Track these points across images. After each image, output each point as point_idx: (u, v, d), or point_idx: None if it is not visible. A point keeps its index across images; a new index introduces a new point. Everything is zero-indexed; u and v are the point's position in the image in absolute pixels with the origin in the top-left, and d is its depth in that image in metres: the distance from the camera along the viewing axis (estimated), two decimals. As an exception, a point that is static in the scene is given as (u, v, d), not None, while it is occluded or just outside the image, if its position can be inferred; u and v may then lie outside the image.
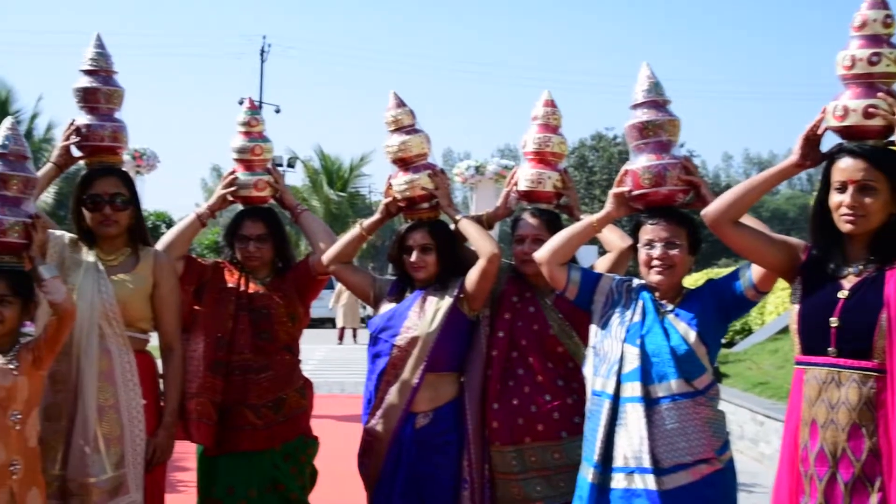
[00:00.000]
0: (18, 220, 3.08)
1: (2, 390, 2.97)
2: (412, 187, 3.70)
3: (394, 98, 3.78)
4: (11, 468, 2.96)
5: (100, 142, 3.69)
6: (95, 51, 3.73)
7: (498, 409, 3.55)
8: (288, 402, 3.85)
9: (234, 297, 3.89)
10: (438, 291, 3.66)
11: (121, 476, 3.37)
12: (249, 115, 4.07)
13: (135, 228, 3.67)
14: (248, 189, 4.03)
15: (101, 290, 3.48)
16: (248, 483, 3.76)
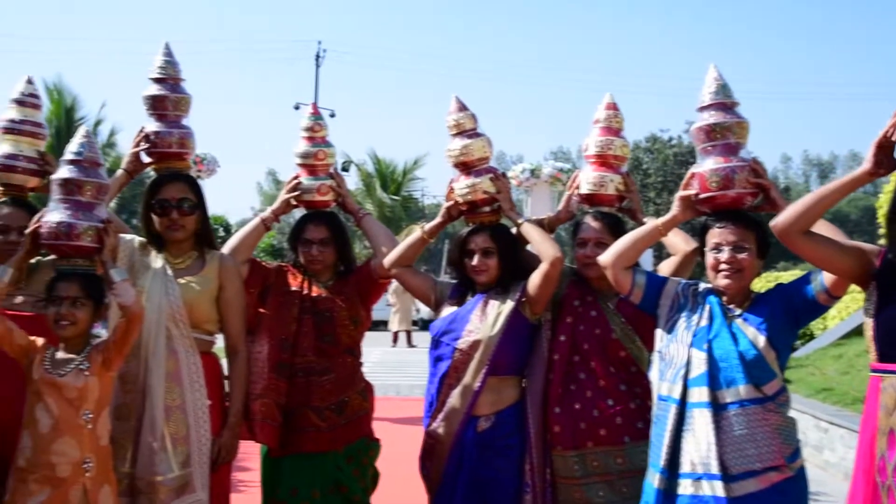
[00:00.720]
0: (91, 224, 3.16)
1: (74, 390, 3.04)
2: (474, 191, 3.71)
3: (455, 102, 3.79)
4: (84, 465, 3.03)
5: (168, 148, 3.77)
6: (164, 59, 3.81)
7: (560, 414, 3.53)
8: (350, 405, 3.89)
9: (297, 300, 3.93)
10: (500, 295, 3.65)
11: (187, 475, 3.43)
12: (313, 121, 4.12)
13: (201, 232, 3.73)
14: (312, 193, 4.07)
15: (168, 293, 3.54)
16: (311, 484, 3.79)
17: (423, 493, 3.77)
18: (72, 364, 3.08)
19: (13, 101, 3.80)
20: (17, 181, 3.70)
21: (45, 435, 3.01)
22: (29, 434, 3.04)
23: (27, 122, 3.76)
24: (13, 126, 3.73)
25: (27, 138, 3.75)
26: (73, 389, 3.04)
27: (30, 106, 3.80)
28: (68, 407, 3.03)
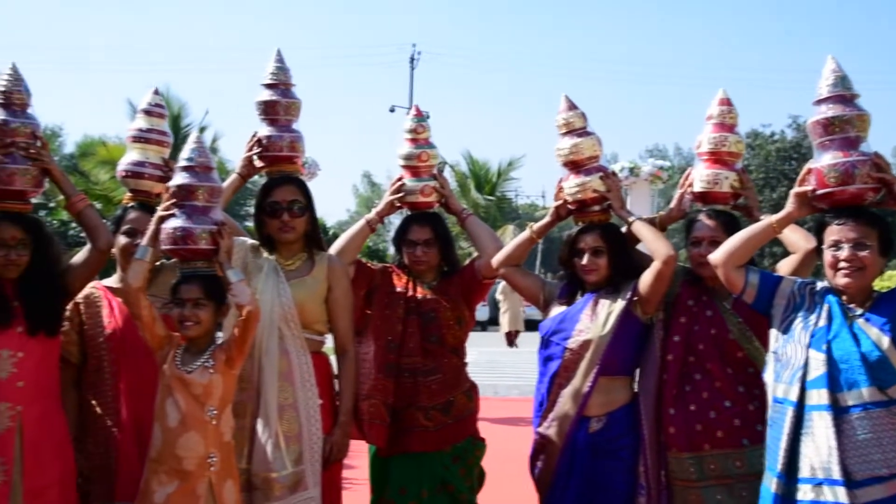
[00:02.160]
0: (206, 227, 3.24)
1: (199, 387, 3.14)
2: (584, 190, 3.67)
3: (565, 101, 3.76)
4: (209, 460, 3.12)
5: (279, 152, 3.85)
6: (276, 65, 3.89)
7: (675, 415, 3.47)
8: (456, 405, 3.90)
9: (402, 300, 3.97)
10: (611, 294, 3.61)
11: (300, 472, 3.50)
12: (416, 123, 4.15)
13: (311, 234, 3.80)
14: (415, 195, 4.11)
15: (280, 294, 3.62)
16: (419, 483, 3.82)
17: (527, 492, 3.75)
18: (198, 362, 3.18)
19: (141, 111, 3.96)
20: (144, 187, 3.85)
21: (174, 429, 3.12)
22: (159, 427, 3.15)
23: (154, 131, 3.91)
24: (141, 134, 3.88)
25: (154, 146, 3.90)
26: (199, 386, 3.14)
27: (156, 115, 3.95)
28: (194, 403, 3.13)
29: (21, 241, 3.22)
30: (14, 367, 3.15)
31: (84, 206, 3.45)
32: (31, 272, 3.26)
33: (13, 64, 3.35)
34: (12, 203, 3.28)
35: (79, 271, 3.41)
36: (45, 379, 3.27)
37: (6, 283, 3.22)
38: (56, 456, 3.24)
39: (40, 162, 3.32)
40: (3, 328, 3.15)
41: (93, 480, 3.48)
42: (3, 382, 3.12)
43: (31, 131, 3.32)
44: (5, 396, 3.12)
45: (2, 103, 3.29)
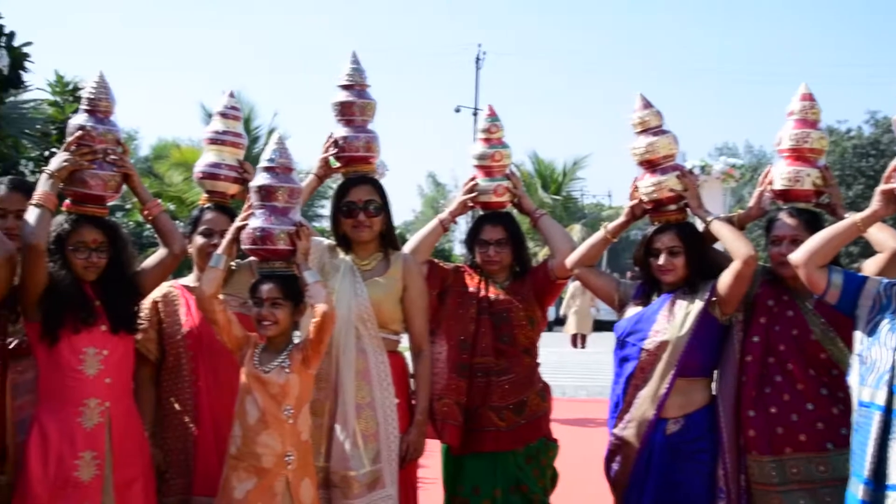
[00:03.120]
0: (285, 228, 3.29)
1: (276, 386, 3.19)
2: (660, 189, 3.63)
3: (640, 100, 3.73)
4: (286, 459, 3.17)
5: (355, 152, 3.88)
6: (351, 66, 3.92)
7: (754, 417, 3.40)
8: (529, 405, 3.89)
9: (475, 300, 3.97)
10: (688, 295, 3.56)
11: (377, 471, 3.53)
12: (490, 122, 4.15)
13: (386, 234, 3.83)
14: (488, 194, 4.11)
15: (356, 293, 3.66)
16: (493, 483, 3.82)
17: (598, 494, 3.72)
18: (275, 361, 3.23)
19: (217, 114, 4.04)
20: (219, 188, 3.92)
21: (252, 426, 3.17)
22: (239, 424, 3.21)
23: (229, 133, 3.98)
24: (217, 136, 3.96)
25: (229, 148, 3.97)
26: (276, 385, 3.19)
27: (231, 118, 4.03)
28: (272, 402, 3.18)
29: (101, 244, 3.32)
30: (101, 365, 3.24)
31: (158, 211, 3.52)
32: (108, 274, 3.35)
33: (100, 72, 3.43)
34: (92, 207, 3.37)
35: (152, 273, 3.50)
36: (127, 376, 3.37)
37: (86, 285, 3.31)
38: (138, 450, 3.35)
39: (122, 168, 3.40)
40: (89, 327, 3.25)
41: (171, 475, 3.57)
42: (92, 379, 3.22)
43: (114, 138, 3.40)
44: (94, 392, 3.21)
45: (88, 110, 3.38)
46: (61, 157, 3.29)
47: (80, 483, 3.13)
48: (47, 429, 3.18)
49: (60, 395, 3.21)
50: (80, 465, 3.15)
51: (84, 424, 3.19)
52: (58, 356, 3.22)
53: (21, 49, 6.71)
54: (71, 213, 3.34)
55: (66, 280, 3.26)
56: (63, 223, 3.31)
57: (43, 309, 3.23)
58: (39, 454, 3.15)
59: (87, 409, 3.20)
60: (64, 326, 3.21)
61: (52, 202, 3.24)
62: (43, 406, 3.25)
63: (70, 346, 3.22)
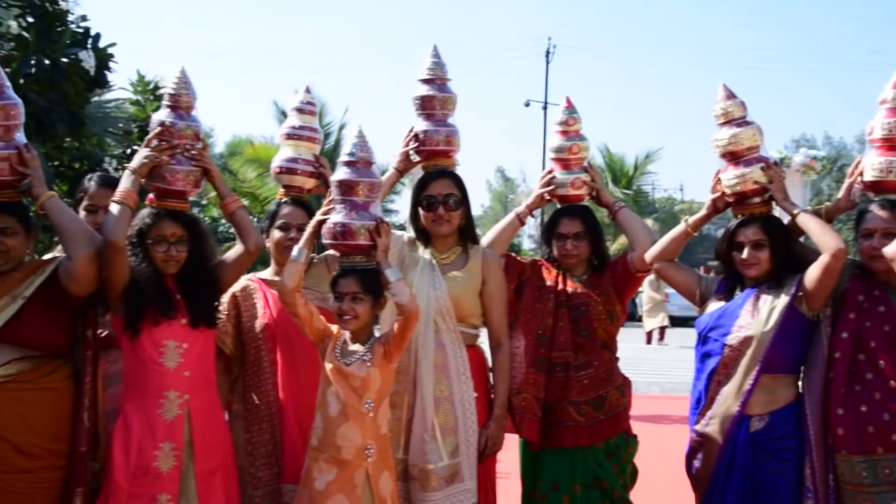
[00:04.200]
0: (365, 223, 3.31)
1: (357, 379, 3.22)
2: (743, 181, 3.56)
3: (723, 90, 3.65)
4: (366, 451, 3.19)
5: (435, 146, 3.88)
6: (432, 60, 3.93)
7: (843, 416, 3.32)
8: (608, 400, 3.86)
9: (552, 294, 3.95)
10: (773, 289, 3.49)
11: (456, 464, 3.54)
12: (567, 115, 4.11)
13: (466, 228, 3.83)
14: (566, 187, 4.08)
15: (435, 287, 3.67)
16: (572, 479, 3.80)
17: (677, 491, 3.66)
18: (357, 354, 3.26)
19: (294, 109, 4.09)
20: (296, 183, 3.97)
21: (334, 419, 3.21)
22: (321, 416, 3.25)
23: (306, 128, 4.03)
24: (293, 132, 4.00)
25: (306, 143, 4.02)
26: (357, 378, 3.21)
27: (308, 113, 4.07)
28: (353, 394, 3.21)
29: (180, 238, 3.36)
30: (181, 358, 3.29)
31: (237, 206, 3.55)
32: (188, 267, 3.40)
33: (182, 68, 3.47)
34: (173, 202, 3.42)
35: (229, 268, 3.53)
36: (207, 369, 3.41)
37: (167, 278, 3.38)
38: (218, 442, 3.39)
39: (201, 163, 3.44)
40: (169, 320, 3.30)
41: (258, 468, 3.61)
42: (172, 372, 3.28)
43: (194, 133, 3.44)
44: (174, 385, 3.27)
45: (170, 105, 3.43)
46: (142, 154, 3.35)
47: (159, 473, 3.20)
48: (130, 419, 3.26)
49: (142, 386, 3.28)
50: (159, 455, 3.21)
51: (164, 416, 3.25)
52: (139, 349, 3.29)
53: (106, 50, 6.90)
54: (153, 208, 3.41)
55: (146, 273, 3.32)
56: (145, 217, 3.37)
57: (125, 302, 3.30)
58: (122, 444, 3.24)
59: (166, 401, 3.26)
60: (145, 319, 3.27)
61: (132, 199, 3.31)
62: (127, 397, 3.33)
63: (151, 338, 3.28)
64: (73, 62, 6.50)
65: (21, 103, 3.27)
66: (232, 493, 3.40)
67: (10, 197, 3.25)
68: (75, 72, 6.53)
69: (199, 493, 3.25)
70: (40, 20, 6.52)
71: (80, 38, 6.70)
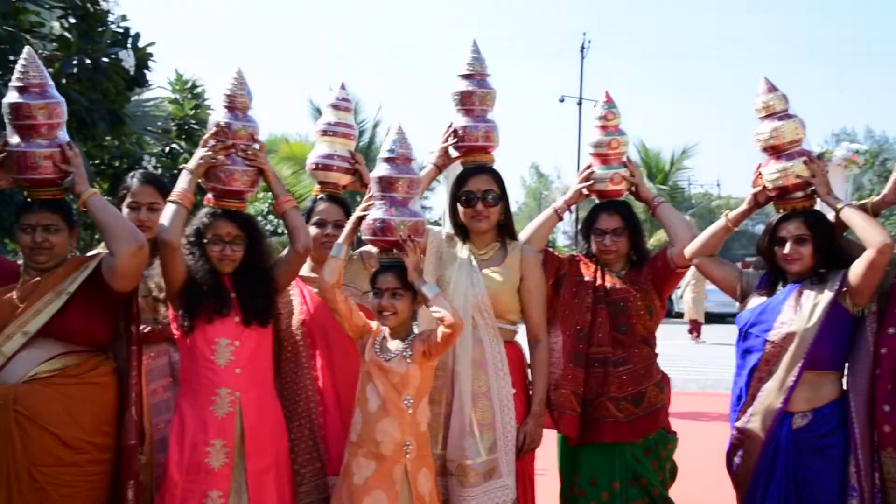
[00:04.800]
0: (405, 219, 3.31)
1: (397, 375, 3.22)
2: (785, 176, 3.51)
3: (765, 83, 3.60)
4: (405, 448, 3.20)
5: (474, 142, 3.88)
6: (472, 55, 3.92)
7: (889, 412, 3.27)
8: (647, 396, 3.84)
9: (591, 289, 3.93)
10: (816, 285, 3.44)
11: (494, 460, 3.53)
12: (606, 109, 4.09)
13: (504, 223, 3.82)
14: (605, 183, 4.05)
15: (473, 283, 3.67)
16: (610, 475, 3.78)
17: (716, 488, 3.63)
18: (396, 350, 3.26)
19: (329, 106, 4.09)
20: (332, 179, 3.98)
21: (373, 414, 3.21)
22: (360, 411, 3.26)
23: (341, 125, 4.03)
24: (329, 128, 4.01)
25: (341, 139, 4.02)
26: (397, 374, 3.22)
27: (343, 109, 4.08)
28: (392, 390, 3.21)
29: (236, 238, 3.39)
30: (232, 355, 3.31)
31: (289, 207, 3.53)
32: (244, 266, 3.42)
33: (238, 68, 3.48)
34: (230, 201, 3.44)
35: (282, 268, 3.53)
36: (260, 367, 3.41)
37: (223, 277, 3.40)
38: (272, 440, 3.38)
39: (256, 163, 3.45)
40: (222, 317, 3.33)
41: (301, 464, 3.62)
42: (223, 369, 3.30)
43: (249, 133, 3.45)
44: (225, 382, 3.29)
45: (226, 106, 3.45)
46: (198, 154, 3.39)
47: (211, 470, 3.22)
48: (184, 415, 3.30)
49: (196, 383, 3.32)
50: (210, 452, 3.24)
51: (216, 413, 3.27)
52: (193, 345, 3.33)
53: (145, 49, 6.97)
54: (211, 207, 3.44)
55: (203, 271, 3.36)
56: (203, 217, 3.41)
57: (182, 299, 3.35)
58: (177, 440, 3.28)
59: (218, 398, 3.28)
60: (199, 316, 3.31)
61: (188, 199, 3.35)
62: (182, 394, 3.37)
63: (204, 335, 3.32)
64: (114, 62, 6.57)
65: (64, 102, 3.31)
66: (285, 491, 3.39)
67: (53, 194, 3.29)
68: (115, 71, 6.61)
69: (250, 490, 3.26)
70: (82, 21, 6.61)
71: (120, 37, 6.77)
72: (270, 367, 3.50)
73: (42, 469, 3.09)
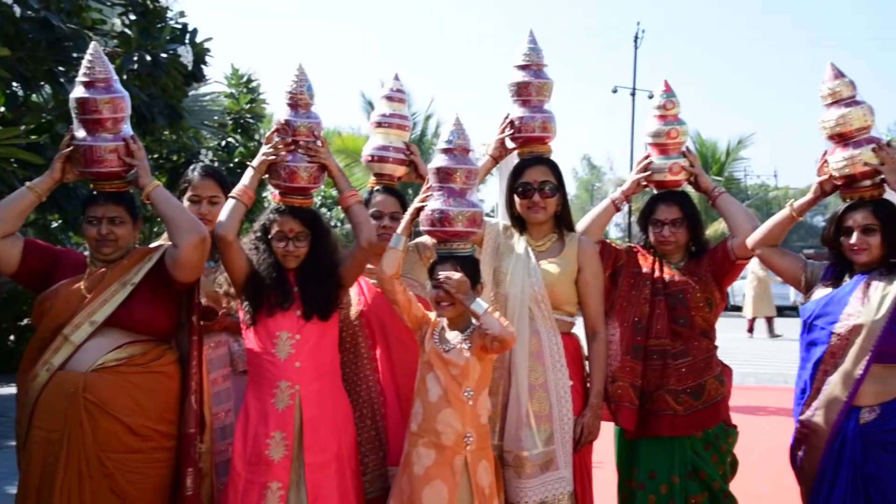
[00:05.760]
0: (462, 210, 3.30)
1: (456, 367, 3.22)
2: (852, 164, 3.42)
3: (831, 69, 3.52)
4: (466, 439, 3.20)
5: (531, 133, 3.86)
6: (528, 46, 3.90)
7: None
8: (707, 389, 3.79)
9: (649, 281, 3.89)
10: (885, 276, 3.35)
11: (550, 452, 3.52)
12: (665, 98, 4.04)
13: (561, 215, 3.80)
14: (663, 173, 4.00)
15: (530, 274, 3.65)
16: (669, 468, 3.74)
17: (778, 482, 3.55)
18: (455, 342, 3.26)
19: (383, 97, 4.11)
20: (387, 170, 4.00)
21: (434, 404, 3.22)
22: (420, 401, 3.27)
23: (395, 116, 4.04)
24: (384, 119, 4.03)
25: (395, 130, 4.04)
26: (457, 367, 3.21)
27: (397, 101, 4.09)
28: (452, 381, 3.21)
29: (299, 234, 3.42)
30: (292, 349, 3.34)
31: (354, 201, 3.53)
32: (309, 261, 3.45)
33: (300, 65, 3.50)
34: (296, 198, 3.47)
35: (347, 264, 3.53)
36: (321, 361, 3.42)
37: (287, 272, 3.43)
38: (333, 434, 3.38)
39: (317, 158, 3.46)
40: (284, 311, 3.36)
41: (365, 452, 3.63)
42: (283, 363, 3.33)
43: (311, 130, 3.46)
44: (285, 375, 3.32)
45: (288, 103, 3.47)
46: (262, 151, 3.44)
47: (271, 462, 3.26)
48: (249, 407, 3.35)
49: (258, 375, 3.36)
50: (270, 444, 3.27)
51: (276, 405, 3.30)
52: (256, 338, 3.37)
53: (202, 44, 7.06)
54: (277, 204, 3.47)
55: (266, 265, 3.40)
56: (269, 213, 3.46)
57: (246, 292, 3.40)
58: (242, 430, 3.33)
59: (279, 391, 3.31)
60: (261, 309, 3.36)
61: (247, 196, 3.40)
62: (248, 385, 3.42)
63: (266, 329, 3.35)
64: (172, 57, 6.66)
65: (128, 96, 3.37)
66: (347, 485, 3.37)
67: (118, 187, 3.36)
68: (174, 66, 6.70)
69: (308, 483, 3.27)
70: (142, 17, 6.71)
71: (179, 33, 6.87)
72: (334, 361, 3.51)
73: (111, 455, 3.16)
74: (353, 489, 3.40)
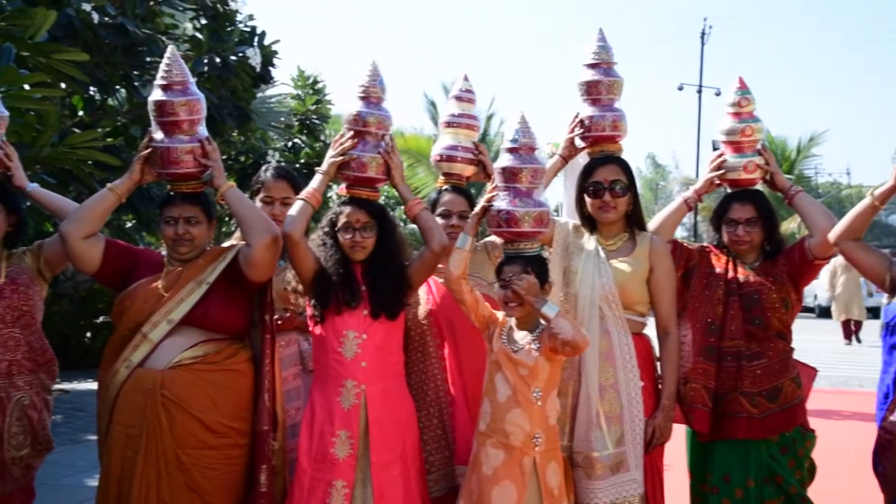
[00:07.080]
0: (528, 209, 3.28)
1: (525, 368, 3.19)
2: None
3: None
4: (534, 440, 3.18)
5: (601, 132, 3.81)
6: (598, 44, 3.86)
7: None
8: (783, 392, 3.71)
9: (722, 281, 3.82)
10: None
11: (621, 454, 3.47)
12: (740, 95, 3.95)
13: (632, 214, 3.74)
14: (737, 171, 3.92)
15: (601, 274, 3.61)
16: (744, 472, 3.68)
17: (858, 489, 3.46)
18: (524, 342, 3.23)
19: (453, 98, 4.10)
20: (456, 170, 3.98)
21: (502, 404, 3.20)
22: (489, 401, 3.25)
23: (464, 116, 4.03)
24: (453, 119, 4.02)
25: (464, 130, 4.02)
26: (525, 367, 3.19)
27: (466, 101, 4.08)
28: (521, 382, 3.19)
29: (366, 225, 3.42)
30: (358, 348, 3.34)
31: (420, 209, 3.52)
32: (376, 258, 3.45)
33: (373, 61, 3.54)
34: (363, 190, 3.49)
35: (416, 267, 3.51)
36: (388, 361, 3.42)
37: (355, 269, 3.44)
38: (398, 433, 3.37)
39: (389, 153, 3.48)
40: (351, 310, 3.37)
41: (430, 451, 3.63)
42: (349, 362, 3.34)
43: (382, 122, 3.48)
44: (351, 374, 3.33)
45: (360, 96, 3.49)
46: (328, 155, 3.48)
47: (336, 460, 3.27)
48: (315, 405, 3.37)
49: (325, 373, 3.38)
50: (336, 442, 3.28)
51: (342, 404, 3.31)
52: (323, 336, 3.39)
53: (270, 47, 7.17)
54: (344, 196, 3.50)
55: (333, 261, 3.41)
56: (336, 206, 3.48)
57: (314, 290, 3.42)
58: (308, 428, 3.35)
59: (345, 390, 3.32)
60: (329, 308, 3.37)
61: (315, 199, 3.44)
62: (314, 382, 3.45)
63: (333, 327, 3.37)
64: (241, 60, 6.79)
65: (203, 98, 3.42)
66: (412, 485, 3.36)
67: (194, 188, 3.41)
68: (243, 69, 6.82)
69: (374, 482, 3.28)
70: (212, 21, 6.85)
71: (248, 36, 6.99)
72: (400, 361, 3.51)
73: (188, 452, 3.22)
74: (417, 490, 3.40)
